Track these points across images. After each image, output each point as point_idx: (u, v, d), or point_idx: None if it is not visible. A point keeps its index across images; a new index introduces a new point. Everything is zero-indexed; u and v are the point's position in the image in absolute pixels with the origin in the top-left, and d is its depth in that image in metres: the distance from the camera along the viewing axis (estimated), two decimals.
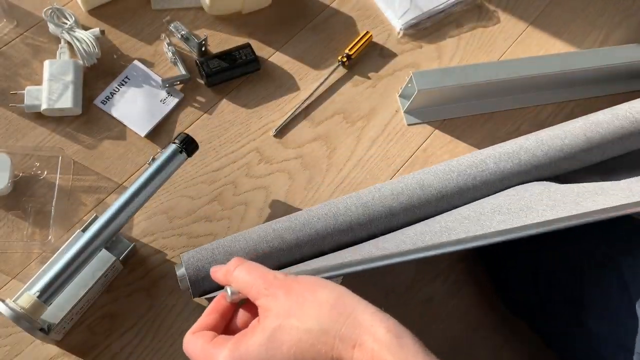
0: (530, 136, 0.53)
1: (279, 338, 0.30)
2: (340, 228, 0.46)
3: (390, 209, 0.48)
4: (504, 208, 0.45)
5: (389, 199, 0.48)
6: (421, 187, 0.49)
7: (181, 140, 0.47)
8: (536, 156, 0.51)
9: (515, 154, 0.51)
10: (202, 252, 0.44)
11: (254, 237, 0.45)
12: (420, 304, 0.55)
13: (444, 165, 0.51)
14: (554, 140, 0.52)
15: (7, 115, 0.55)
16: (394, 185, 0.49)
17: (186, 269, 0.43)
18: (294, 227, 0.46)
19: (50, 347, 0.47)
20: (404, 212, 0.48)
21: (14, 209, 0.51)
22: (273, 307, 0.31)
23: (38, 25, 0.59)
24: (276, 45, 0.64)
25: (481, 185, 0.50)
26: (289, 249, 0.45)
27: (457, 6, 0.70)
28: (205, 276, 0.43)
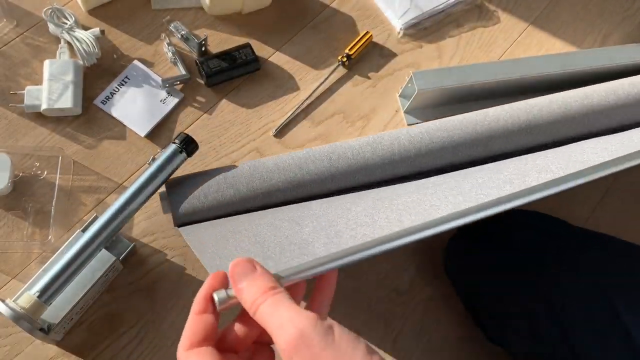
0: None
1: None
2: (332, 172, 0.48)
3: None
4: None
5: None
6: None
7: (181, 140, 0.47)
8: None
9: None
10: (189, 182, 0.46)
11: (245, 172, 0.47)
12: (421, 303, 0.55)
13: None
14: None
15: (7, 115, 0.55)
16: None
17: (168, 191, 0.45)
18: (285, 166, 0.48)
19: (50, 347, 0.47)
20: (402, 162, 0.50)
21: (14, 209, 0.51)
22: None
23: (38, 25, 0.59)
24: (276, 45, 0.64)
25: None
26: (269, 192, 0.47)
27: (457, 6, 0.70)
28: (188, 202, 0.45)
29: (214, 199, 0.46)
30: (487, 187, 0.39)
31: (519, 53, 0.70)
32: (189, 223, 0.46)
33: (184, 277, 0.51)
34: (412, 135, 0.51)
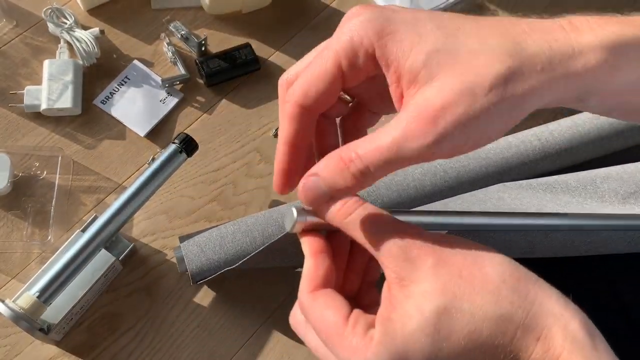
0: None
1: (446, 326, 0.22)
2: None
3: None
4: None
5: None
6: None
7: (181, 140, 0.47)
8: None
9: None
10: (202, 236, 0.46)
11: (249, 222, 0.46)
12: None
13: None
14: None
15: (7, 115, 0.55)
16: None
17: (184, 248, 0.44)
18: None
19: (50, 347, 0.47)
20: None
21: (13, 209, 0.51)
22: (417, 278, 0.23)
23: (37, 25, 0.59)
24: (276, 45, 0.64)
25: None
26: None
27: (457, 5, 0.70)
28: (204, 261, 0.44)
29: (231, 248, 0.45)
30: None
31: None
32: (205, 278, 0.46)
33: (183, 277, 0.51)
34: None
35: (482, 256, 0.24)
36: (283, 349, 0.49)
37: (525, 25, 0.23)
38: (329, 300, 0.24)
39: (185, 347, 0.49)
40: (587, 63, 0.22)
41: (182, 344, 0.49)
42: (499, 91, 0.21)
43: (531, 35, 0.22)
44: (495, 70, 0.21)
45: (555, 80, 0.22)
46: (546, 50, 0.22)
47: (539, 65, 0.22)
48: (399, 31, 0.22)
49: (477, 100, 0.21)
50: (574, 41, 0.22)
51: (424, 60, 0.22)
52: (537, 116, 0.66)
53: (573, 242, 0.41)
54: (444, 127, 0.21)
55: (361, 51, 0.23)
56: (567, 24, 0.23)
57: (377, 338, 0.23)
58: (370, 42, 0.22)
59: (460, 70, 0.21)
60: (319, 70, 0.24)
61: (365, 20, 0.23)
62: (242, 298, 0.51)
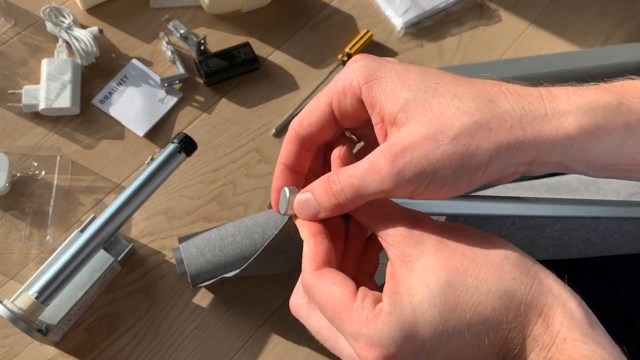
0: None
1: (451, 299, 0.23)
2: None
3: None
4: None
5: None
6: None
7: (180, 139, 0.47)
8: None
9: None
10: (200, 237, 0.45)
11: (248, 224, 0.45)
12: None
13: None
14: None
15: (5, 115, 0.54)
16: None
17: (183, 249, 0.44)
18: None
19: (49, 348, 0.47)
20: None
21: (12, 209, 0.51)
22: (420, 254, 0.24)
23: (36, 24, 0.59)
24: (276, 44, 0.63)
25: None
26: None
27: (458, 5, 0.70)
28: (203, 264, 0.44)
29: (230, 251, 0.45)
30: None
31: (520, 52, 0.69)
32: (205, 281, 0.46)
33: (183, 278, 0.51)
34: None
35: (483, 237, 0.25)
36: (282, 351, 0.49)
37: (505, 87, 0.24)
38: (334, 277, 0.25)
39: (184, 348, 0.48)
40: (559, 127, 0.22)
41: (181, 345, 0.49)
42: (461, 142, 0.22)
43: (507, 95, 0.23)
44: (461, 122, 0.23)
45: (525, 140, 0.22)
46: (518, 110, 0.23)
47: (508, 122, 0.22)
48: (385, 77, 0.24)
49: (438, 146, 0.22)
50: (548, 105, 0.23)
51: (402, 105, 0.24)
52: None
53: (571, 239, 0.40)
54: (402, 165, 0.23)
55: (350, 92, 0.25)
56: (545, 91, 0.23)
57: (386, 309, 0.23)
58: (358, 85, 0.25)
59: (430, 118, 0.23)
60: (314, 106, 0.27)
61: (359, 67, 0.25)
62: (241, 300, 0.50)
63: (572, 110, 0.22)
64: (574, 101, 0.22)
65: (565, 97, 0.23)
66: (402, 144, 0.23)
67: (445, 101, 0.23)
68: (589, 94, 0.22)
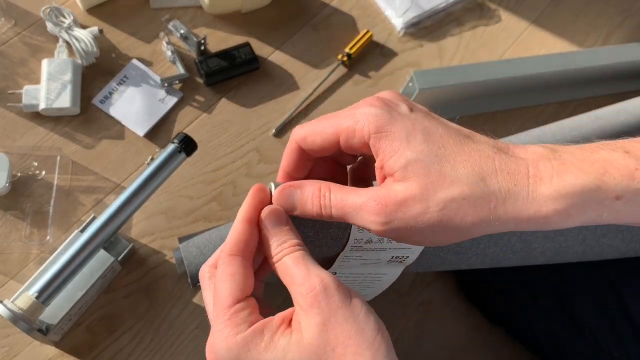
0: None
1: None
2: None
3: None
4: None
5: None
6: None
7: (180, 139, 0.47)
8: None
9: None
10: (199, 238, 0.45)
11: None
12: (421, 306, 0.55)
13: None
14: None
15: (5, 115, 0.54)
16: None
17: (184, 250, 0.44)
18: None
19: (49, 348, 0.47)
20: None
21: (12, 209, 0.51)
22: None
23: (36, 24, 0.59)
24: (276, 44, 0.63)
25: None
26: None
27: (458, 5, 0.70)
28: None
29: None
30: None
31: (521, 52, 0.69)
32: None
33: (183, 278, 0.51)
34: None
35: (360, 321, 0.27)
36: None
37: (498, 163, 0.26)
38: (237, 271, 0.28)
39: (184, 348, 0.48)
40: (538, 211, 0.25)
41: (181, 345, 0.49)
42: (447, 213, 0.25)
43: (497, 175, 0.26)
44: (452, 195, 0.25)
45: (505, 218, 0.25)
46: (504, 192, 0.25)
47: (493, 202, 0.25)
48: (394, 133, 0.27)
49: (427, 212, 0.25)
50: (532, 187, 0.25)
51: (403, 164, 0.26)
52: (538, 117, 0.66)
53: (567, 240, 0.40)
54: (392, 218, 0.26)
55: (359, 135, 0.28)
56: (533, 170, 0.26)
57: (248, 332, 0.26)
58: (368, 132, 0.27)
59: (425, 183, 0.25)
60: (321, 129, 0.29)
61: (373, 114, 0.27)
62: None
63: (552, 196, 0.25)
64: (555, 186, 0.25)
65: (549, 180, 0.25)
66: (396, 199, 0.26)
67: (442, 170, 0.26)
68: (569, 178, 0.25)
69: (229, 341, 0.26)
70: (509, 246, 0.38)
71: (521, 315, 0.50)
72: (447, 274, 0.56)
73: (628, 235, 0.41)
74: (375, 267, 0.36)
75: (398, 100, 0.29)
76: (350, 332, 0.25)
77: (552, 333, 0.48)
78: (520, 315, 0.50)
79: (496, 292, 0.52)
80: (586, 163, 0.26)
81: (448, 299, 0.55)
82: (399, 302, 0.54)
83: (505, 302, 0.51)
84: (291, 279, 0.27)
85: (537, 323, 0.49)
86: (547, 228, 0.26)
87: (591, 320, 0.46)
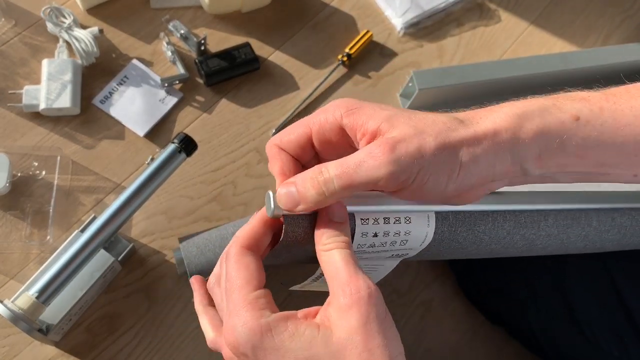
0: None
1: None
2: None
3: None
4: None
5: None
6: None
7: (180, 140, 0.47)
8: None
9: None
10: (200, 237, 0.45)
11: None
12: (420, 305, 0.55)
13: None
14: None
15: (5, 115, 0.54)
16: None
17: (184, 250, 0.43)
18: None
19: (49, 348, 0.47)
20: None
21: (12, 209, 0.51)
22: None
23: (36, 24, 0.59)
24: (276, 45, 0.63)
25: None
26: None
27: (458, 5, 0.70)
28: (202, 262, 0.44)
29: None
30: None
31: (520, 52, 0.69)
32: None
33: (183, 278, 0.51)
34: None
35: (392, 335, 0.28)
36: None
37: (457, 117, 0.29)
38: (253, 262, 0.29)
39: (184, 347, 0.49)
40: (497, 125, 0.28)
41: (181, 345, 0.49)
42: (440, 139, 0.27)
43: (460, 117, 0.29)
44: (438, 128, 0.28)
45: (496, 144, 0.28)
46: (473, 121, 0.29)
47: (472, 133, 0.28)
48: (364, 107, 0.28)
49: (426, 141, 0.27)
50: (489, 114, 0.29)
51: (384, 118, 0.27)
52: None
53: (569, 237, 0.40)
54: (398, 153, 0.26)
55: (330, 120, 0.29)
56: (486, 110, 0.29)
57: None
58: (340, 114, 0.28)
59: (413, 124, 0.27)
60: (293, 129, 0.30)
61: (338, 103, 0.29)
62: None
63: (509, 112, 0.29)
64: (512, 108, 0.29)
65: (508, 105, 0.29)
66: (395, 139, 0.27)
67: (421, 116, 0.28)
68: (522, 105, 0.29)
69: (252, 324, 0.26)
70: (511, 244, 0.39)
71: (521, 315, 0.50)
72: (447, 274, 0.56)
73: (630, 230, 0.41)
74: (375, 260, 0.36)
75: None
76: (379, 343, 0.25)
77: (552, 333, 0.48)
78: (520, 315, 0.50)
79: (496, 292, 0.52)
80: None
81: (448, 299, 0.55)
82: (399, 302, 0.54)
83: (505, 302, 0.51)
84: (335, 273, 0.27)
85: (537, 323, 0.49)
86: (518, 150, 0.28)
87: (591, 320, 0.46)
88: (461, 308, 0.55)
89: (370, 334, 0.25)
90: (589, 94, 0.29)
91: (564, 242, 0.40)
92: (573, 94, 0.30)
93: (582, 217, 0.39)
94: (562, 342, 0.48)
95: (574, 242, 0.41)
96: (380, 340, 0.25)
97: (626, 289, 0.46)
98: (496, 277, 0.51)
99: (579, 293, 0.47)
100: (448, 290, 0.55)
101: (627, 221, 0.41)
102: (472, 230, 0.36)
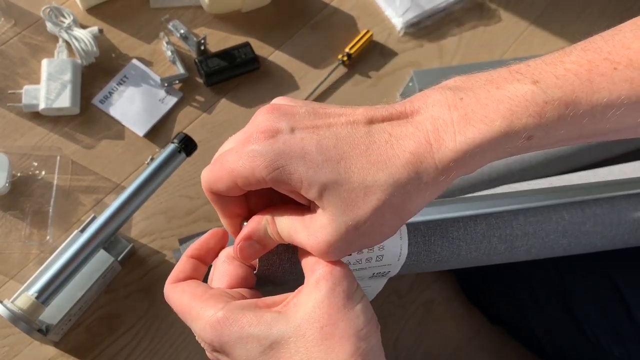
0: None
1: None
2: None
3: None
4: None
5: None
6: None
7: (180, 139, 0.47)
8: None
9: None
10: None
11: None
12: (421, 307, 0.55)
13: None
14: None
15: (5, 115, 0.54)
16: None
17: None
18: None
19: (49, 348, 0.47)
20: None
21: (12, 209, 0.51)
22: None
23: (36, 24, 0.59)
24: (276, 44, 0.63)
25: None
26: None
27: (458, 4, 0.70)
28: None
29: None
30: None
31: (521, 52, 0.69)
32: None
33: None
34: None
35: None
36: None
37: (397, 148, 0.26)
38: (186, 288, 0.29)
39: (184, 348, 0.49)
40: (447, 175, 0.25)
41: (180, 345, 0.49)
42: (375, 220, 0.25)
43: (404, 169, 0.25)
44: (371, 205, 0.25)
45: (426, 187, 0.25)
46: (414, 182, 0.25)
47: (408, 194, 0.25)
48: (289, 165, 0.25)
49: (360, 227, 0.25)
50: (438, 159, 0.25)
51: (315, 194, 0.25)
52: None
53: (547, 235, 0.40)
54: (331, 255, 0.26)
55: (253, 182, 0.27)
56: (434, 136, 0.25)
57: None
58: (262, 177, 0.26)
59: (344, 205, 0.25)
60: (219, 177, 0.29)
61: (258, 154, 0.26)
62: None
63: (454, 158, 0.25)
64: (459, 145, 0.25)
65: (452, 140, 0.25)
66: (329, 240, 0.25)
67: (351, 186, 0.25)
68: (471, 133, 0.25)
69: (205, 321, 0.27)
70: (491, 249, 0.38)
71: (521, 315, 0.50)
72: (447, 274, 0.56)
73: (607, 219, 0.41)
74: (359, 281, 0.36)
75: (279, 120, 0.27)
76: (343, 316, 0.25)
77: (553, 333, 0.48)
78: (521, 315, 0.50)
79: (496, 293, 0.52)
80: (491, 106, 0.24)
81: (448, 299, 0.55)
82: (399, 303, 0.54)
83: (505, 303, 0.51)
84: (307, 261, 0.27)
85: (537, 323, 0.49)
86: (453, 178, 0.26)
87: (592, 320, 0.46)
88: (461, 309, 0.55)
89: (335, 307, 0.25)
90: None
91: (544, 240, 0.40)
92: (526, 96, 0.25)
93: (552, 211, 0.39)
94: (562, 342, 0.48)
95: (556, 241, 0.40)
96: (345, 314, 0.25)
97: (627, 289, 0.46)
98: (496, 277, 0.51)
99: (579, 293, 0.47)
100: (448, 291, 0.55)
101: (599, 209, 0.41)
102: (446, 237, 0.35)
